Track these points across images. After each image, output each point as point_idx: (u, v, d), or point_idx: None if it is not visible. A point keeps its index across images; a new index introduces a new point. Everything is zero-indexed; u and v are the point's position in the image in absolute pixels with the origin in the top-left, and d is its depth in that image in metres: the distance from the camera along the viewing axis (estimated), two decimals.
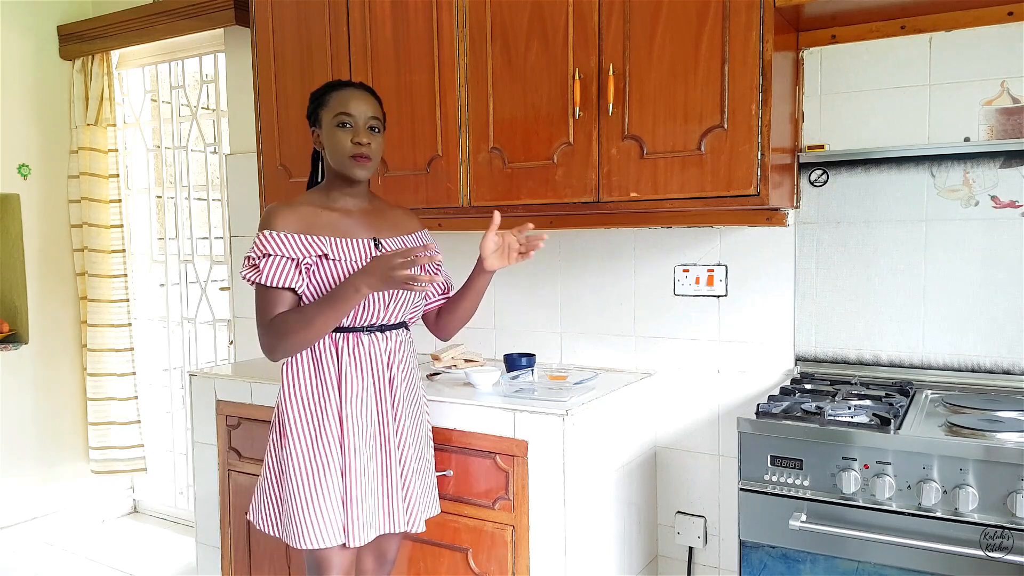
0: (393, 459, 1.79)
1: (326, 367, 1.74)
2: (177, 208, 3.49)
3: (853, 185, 2.04)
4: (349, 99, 1.73)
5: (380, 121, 1.77)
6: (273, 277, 1.67)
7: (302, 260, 1.69)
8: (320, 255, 1.70)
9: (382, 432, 1.78)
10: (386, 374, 1.79)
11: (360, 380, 1.75)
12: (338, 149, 1.72)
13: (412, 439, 1.83)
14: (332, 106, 1.74)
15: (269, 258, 1.68)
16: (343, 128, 1.72)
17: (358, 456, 1.74)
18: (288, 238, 1.69)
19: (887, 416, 1.60)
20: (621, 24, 1.92)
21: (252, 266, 1.70)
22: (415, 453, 1.84)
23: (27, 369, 3.39)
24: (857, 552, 1.58)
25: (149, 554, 3.33)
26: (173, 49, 3.35)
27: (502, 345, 2.61)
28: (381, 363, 1.78)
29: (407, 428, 1.82)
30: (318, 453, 1.72)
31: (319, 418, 1.74)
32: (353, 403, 1.74)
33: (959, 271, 1.94)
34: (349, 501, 1.72)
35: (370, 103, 1.76)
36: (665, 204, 1.92)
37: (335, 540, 1.71)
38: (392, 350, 1.81)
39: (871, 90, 2.02)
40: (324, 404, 1.74)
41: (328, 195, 1.80)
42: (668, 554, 2.37)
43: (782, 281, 2.15)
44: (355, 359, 1.75)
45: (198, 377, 2.52)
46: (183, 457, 3.60)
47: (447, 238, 2.67)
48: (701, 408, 2.29)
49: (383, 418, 1.79)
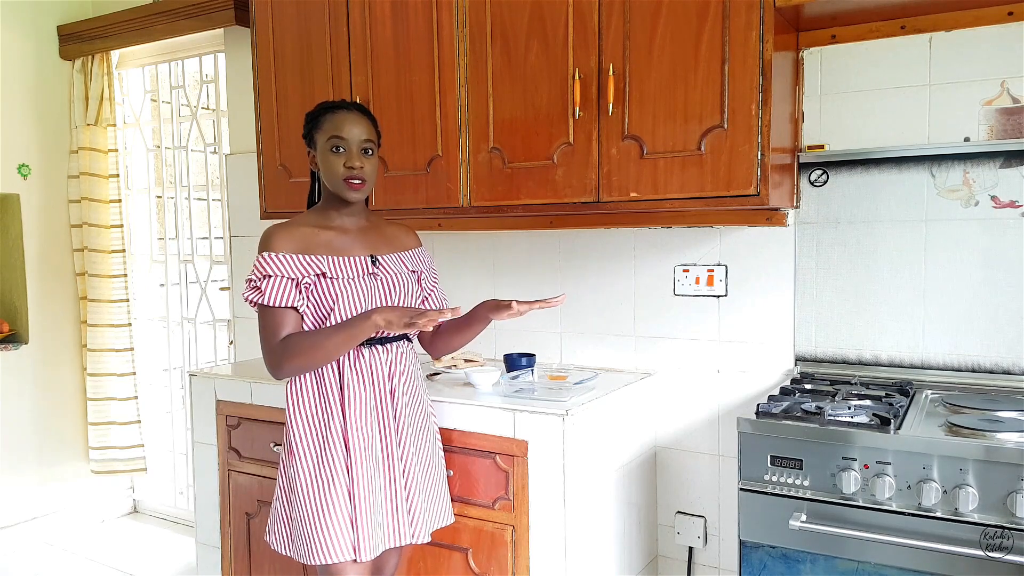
0: (396, 471, 1.79)
1: (328, 382, 1.76)
2: (177, 208, 3.49)
3: (853, 185, 2.04)
4: (343, 123, 1.75)
5: (374, 143, 1.80)
6: (275, 297, 1.71)
7: (301, 280, 1.72)
8: (318, 274, 1.73)
9: (385, 444, 1.79)
10: (387, 386, 1.80)
11: (363, 393, 1.76)
12: (332, 172, 1.75)
13: (415, 450, 1.83)
14: (326, 129, 1.76)
15: (270, 279, 1.71)
16: (336, 152, 1.75)
17: (364, 470, 1.74)
18: (287, 259, 1.72)
19: (887, 416, 1.60)
20: (621, 24, 1.92)
21: (254, 288, 1.73)
22: (419, 464, 1.83)
23: (27, 369, 3.40)
24: (857, 552, 1.58)
25: (149, 554, 3.33)
26: (173, 49, 3.35)
27: (502, 345, 2.61)
28: (382, 375, 1.79)
29: (410, 439, 1.82)
30: (323, 468, 1.73)
31: (323, 433, 1.75)
32: (357, 416, 1.75)
33: (959, 271, 1.94)
34: (357, 515, 1.72)
35: (363, 126, 1.77)
36: (665, 204, 1.92)
37: (345, 555, 1.71)
38: (393, 362, 1.82)
39: (871, 90, 2.01)
40: (328, 419, 1.75)
41: (325, 215, 1.83)
42: (668, 554, 2.37)
43: (782, 281, 2.15)
44: (357, 372, 1.77)
45: (198, 377, 2.52)
46: (183, 457, 3.60)
47: (447, 238, 2.67)
48: (701, 408, 2.29)
49: (386, 430, 1.79)
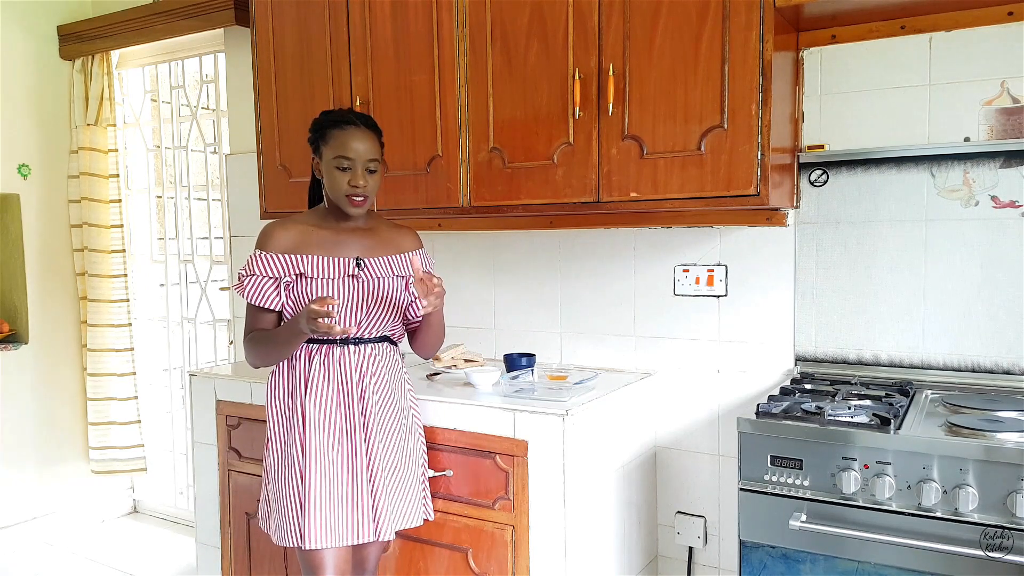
0: (360, 467, 1.82)
1: (298, 373, 1.85)
2: (177, 208, 3.49)
3: (853, 185, 2.04)
4: (350, 140, 1.78)
5: (379, 160, 1.82)
6: (254, 296, 1.84)
7: (281, 279, 1.81)
8: (298, 273, 1.81)
9: (349, 441, 1.82)
10: (355, 385, 1.84)
11: (325, 388, 1.82)
12: (336, 188, 1.80)
13: (384, 450, 1.84)
14: (333, 146, 1.79)
15: (253, 277, 1.83)
16: (342, 171, 1.78)
17: (319, 462, 1.79)
18: (274, 259, 1.82)
19: (887, 416, 1.60)
20: (621, 24, 1.92)
21: (239, 282, 1.86)
22: (389, 464, 1.85)
23: (27, 369, 3.39)
24: (857, 552, 1.58)
25: (149, 554, 3.33)
26: (173, 49, 3.35)
27: (502, 345, 2.61)
28: (349, 374, 1.84)
29: (379, 440, 1.84)
30: (285, 457, 1.84)
31: (288, 421, 1.85)
32: (316, 408, 1.81)
33: (959, 271, 1.94)
34: (306, 503, 1.77)
35: (370, 143, 1.80)
36: (665, 204, 1.92)
37: (292, 541, 1.79)
38: (364, 362, 1.85)
39: (871, 90, 2.01)
40: (292, 407, 1.84)
41: (325, 216, 1.89)
42: (668, 554, 2.37)
43: (782, 281, 2.15)
44: (324, 368, 1.83)
45: (198, 377, 2.52)
46: (183, 457, 3.60)
47: (447, 238, 2.67)
48: (701, 408, 2.28)
49: (350, 428, 1.83)
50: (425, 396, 2.04)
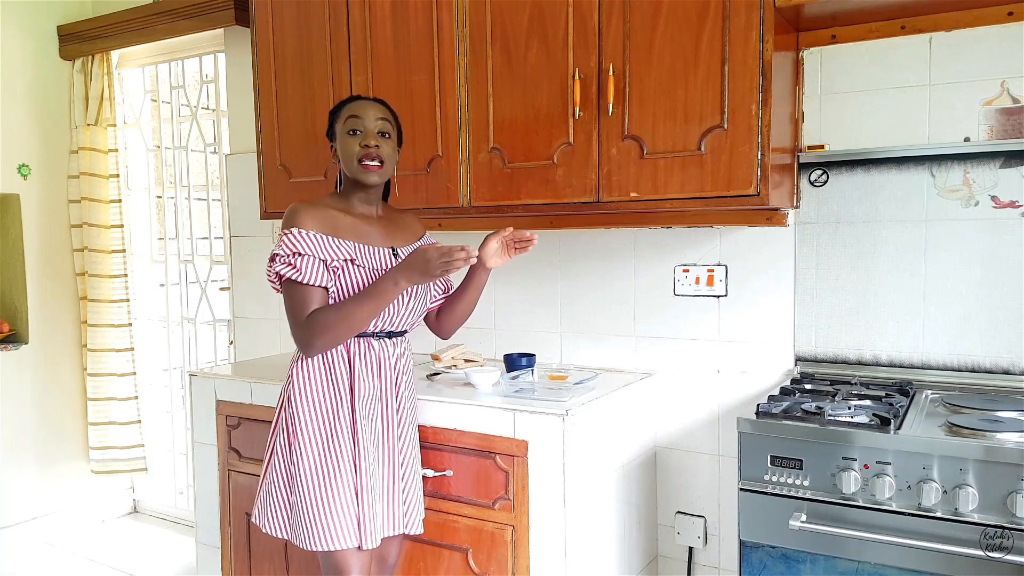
0: (396, 462, 1.83)
1: (338, 371, 1.78)
2: (177, 208, 3.49)
3: (853, 185, 2.04)
4: (358, 107, 1.79)
5: (391, 127, 1.81)
6: (311, 275, 1.69)
7: (330, 262, 1.72)
8: (347, 259, 1.74)
9: (387, 435, 1.83)
10: (393, 378, 1.85)
11: (371, 384, 1.80)
12: (348, 155, 1.77)
13: (411, 442, 1.89)
14: (343, 115, 1.80)
15: (304, 257, 1.70)
16: (353, 135, 1.77)
17: (368, 459, 1.77)
18: (318, 238, 1.72)
19: (887, 416, 1.60)
20: (621, 24, 1.92)
21: (287, 263, 1.70)
22: (413, 456, 1.89)
23: (27, 369, 3.39)
24: (857, 552, 1.58)
25: (149, 554, 3.33)
26: (173, 49, 3.35)
27: (502, 345, 2.61)
28: (390, 368, 1.84)
29: (408, 431, 1.88)
30: (331, 456, 1.75)
31: (332, 421, 1.77)
32: (365, 407, 1.79)
33: (959, 271, 1.94)
34: (361, 504, 1.75)
35: (380, 109, 1.81)
36: (665, 204, 1.92)
37: (350, 542, 1.73)
38: (399, 356, 1.87)
39: (871, 90, 2.01)
40: (336, 407, 1.77)
41: (347, 200, 1.84)
42: (668, 554, 2.37)
43: (782, 281, 2.15)
44: (367, 363, 1.80)
45: (198, 377, 2.52)
46: (183, 457, 3.60)
47: (447, 238, 2.67)
48: (701, 408, 2.29)
49: (388, 422, 1.83)
50: (425, 396, 2.04)
